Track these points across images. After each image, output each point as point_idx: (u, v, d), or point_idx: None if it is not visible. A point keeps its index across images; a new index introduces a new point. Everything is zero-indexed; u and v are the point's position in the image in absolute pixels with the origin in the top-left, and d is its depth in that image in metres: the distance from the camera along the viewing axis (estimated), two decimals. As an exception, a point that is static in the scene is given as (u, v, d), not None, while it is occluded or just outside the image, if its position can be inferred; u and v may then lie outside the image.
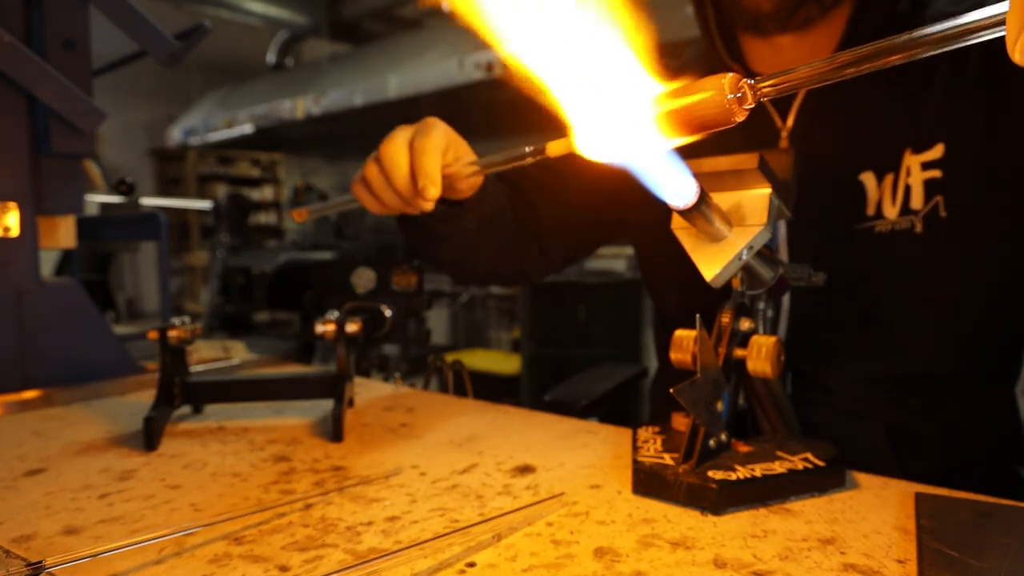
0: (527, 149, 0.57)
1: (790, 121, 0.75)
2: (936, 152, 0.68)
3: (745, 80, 0.35)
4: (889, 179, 0.70)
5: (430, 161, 0.63)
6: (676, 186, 0.46)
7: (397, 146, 0.65)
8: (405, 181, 0.65)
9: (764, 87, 0.36)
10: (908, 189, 0.69)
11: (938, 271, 0.70)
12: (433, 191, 0.63)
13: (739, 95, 0.35)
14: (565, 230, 0.93)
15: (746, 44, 0.81)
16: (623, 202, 0.89)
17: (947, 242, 0.68)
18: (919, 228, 0.69)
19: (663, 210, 0.48)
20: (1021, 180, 0.67)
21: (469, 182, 0.71)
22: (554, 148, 0.53)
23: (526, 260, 0.92)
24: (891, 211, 0.70)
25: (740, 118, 0.35)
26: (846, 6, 0.73)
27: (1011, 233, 0.69)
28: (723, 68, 0.77)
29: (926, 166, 0.69)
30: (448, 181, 0.65)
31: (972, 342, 0.74)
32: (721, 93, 0.35)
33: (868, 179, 0.71)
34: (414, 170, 0.64)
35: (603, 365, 1.31)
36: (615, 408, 1.15)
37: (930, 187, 0.68)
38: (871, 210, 0.71)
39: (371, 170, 0.68)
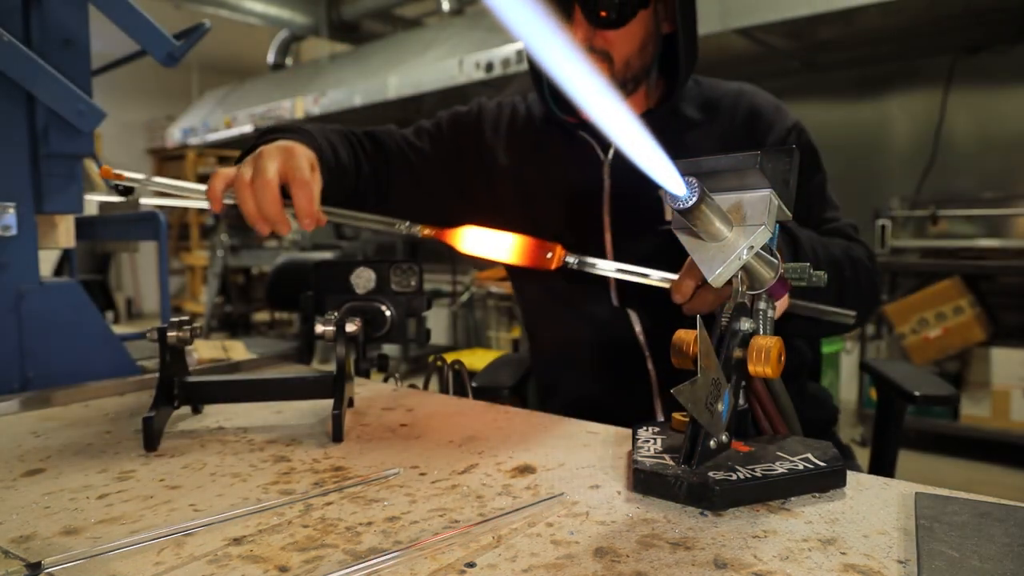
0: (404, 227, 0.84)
1: (610, 155, 0.99)
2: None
3: (566, 257, 0.80)
4: None
5: (274, 210, 0.76)
6: (677, 186, 0.46)
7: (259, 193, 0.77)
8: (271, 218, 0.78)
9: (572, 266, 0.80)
10: None
11: None
12: (285, 229, 0.78)
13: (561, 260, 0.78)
14: (416, 203, 1.09)
15: None
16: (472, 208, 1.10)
17: None
18: None
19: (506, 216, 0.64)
20: None
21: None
22: (425, 231, 0.83)
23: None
24: None
25: (553, 267, 0.80)
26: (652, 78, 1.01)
27: None
28: (556, 118, 1.05)
29: None
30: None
31: None
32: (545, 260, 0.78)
33: (663, 194, 0.88)
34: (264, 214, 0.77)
35: (508, 354, 1.45)
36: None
37: None
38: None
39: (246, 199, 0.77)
